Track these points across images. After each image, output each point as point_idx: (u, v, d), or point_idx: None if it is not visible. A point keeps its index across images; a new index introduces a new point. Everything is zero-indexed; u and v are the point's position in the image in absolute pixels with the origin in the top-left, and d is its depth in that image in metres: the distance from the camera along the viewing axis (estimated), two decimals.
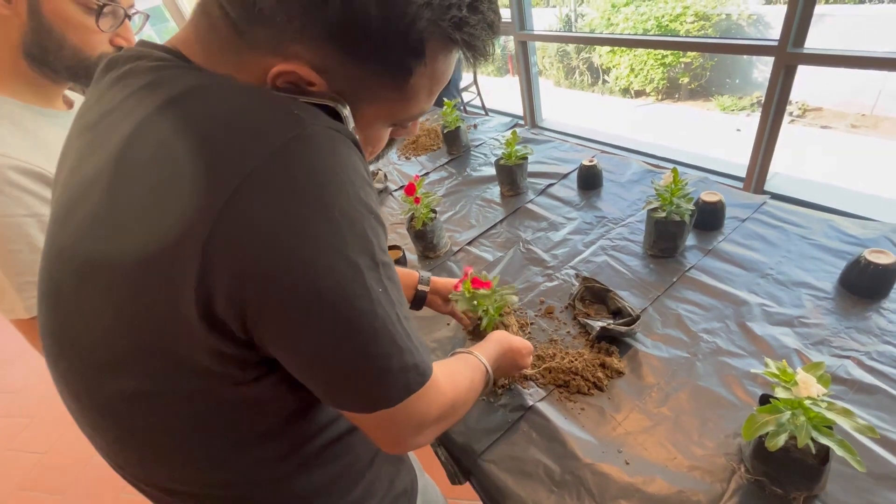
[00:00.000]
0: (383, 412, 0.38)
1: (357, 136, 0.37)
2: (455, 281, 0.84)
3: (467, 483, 0.76)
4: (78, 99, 0.79)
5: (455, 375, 0.54)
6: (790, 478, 0.57)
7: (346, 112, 0.38)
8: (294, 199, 0.30)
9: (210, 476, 0.41)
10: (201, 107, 0.33)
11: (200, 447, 0.39)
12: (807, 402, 0.53)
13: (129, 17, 0.69)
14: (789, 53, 1.59)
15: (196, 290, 0.30)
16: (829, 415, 0.52)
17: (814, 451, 0.53)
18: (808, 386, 0.52)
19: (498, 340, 0.69)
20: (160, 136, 0.32)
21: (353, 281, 0.33)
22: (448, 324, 0.97)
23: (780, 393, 0.54)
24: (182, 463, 0.40)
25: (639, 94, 5.92)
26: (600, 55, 6.09)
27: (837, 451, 0.51)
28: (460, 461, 0.75)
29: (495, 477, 0.69)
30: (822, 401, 0.53)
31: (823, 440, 0.52)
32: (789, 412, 0.54)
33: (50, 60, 0.64)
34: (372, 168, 1.66)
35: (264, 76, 0.35)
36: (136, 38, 0.72)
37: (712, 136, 4.77)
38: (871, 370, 0.69)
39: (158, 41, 0.39)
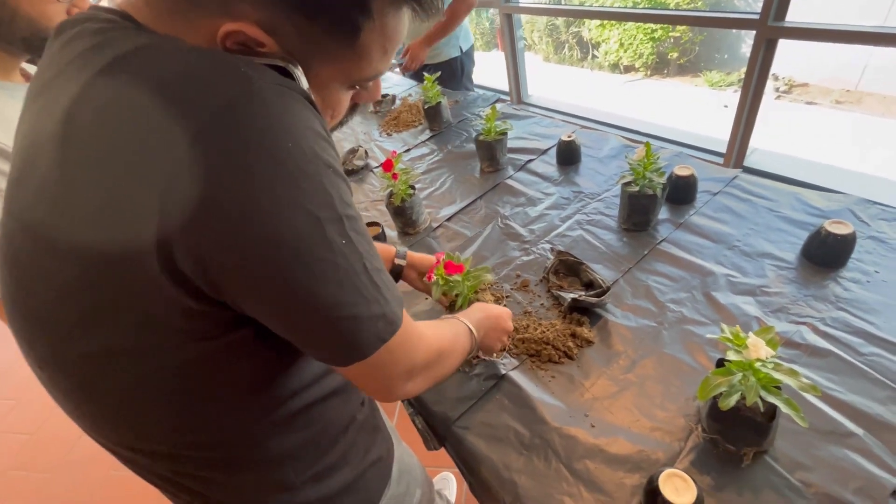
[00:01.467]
0: (362, 363, 0.40)
1: (313, 97, 0.37)
2: (432, 257, 0.85)
3: (443, 449, 0.79)
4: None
5: (437, 326, 0.57)
6: (741, 435, 0.60)
7: (298, 72, 0.38)
8: (245, 154, 0.31)
9: (181, 436, 0.42)
10: (146, 67, 0.33)
11: (170, 406, 0.40)
12: (756, 364, 0.56)
13: None
14: (770, 27, 1.59)
15: (157, 246, 0.31)
16: (776, 375, 0.55)
17: (762, 409, 0.57)
18: (758, 349, 0.55)
19: (479, 308, 0.71)
20: (105, 96, 0.32)
21: (313, 233, 0.34)
22: (426, 298, 0.99)
23: (732, 356, 0.57)
24: (153, 423, 0.41)
25: (628, 69, 5.87)
26: (590, 29, 6.00)
27: (783, 408, 0.55)
28: (436, 428, 0.78)
29: (468, 442, 0.72)
30: (770, 362, 0.56)
31: (771, 399, 0.55)
32: (741, 374, 0.57)
33: (3, 32, 0.63)
34: (353, 145, 1.65)
35: (214, 37, 0.35)
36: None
37: (700, 112, 4.78)
38: (824, 335, 0.73)
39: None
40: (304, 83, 0.39)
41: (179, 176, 0.30)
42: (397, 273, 0.85)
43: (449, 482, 1.38)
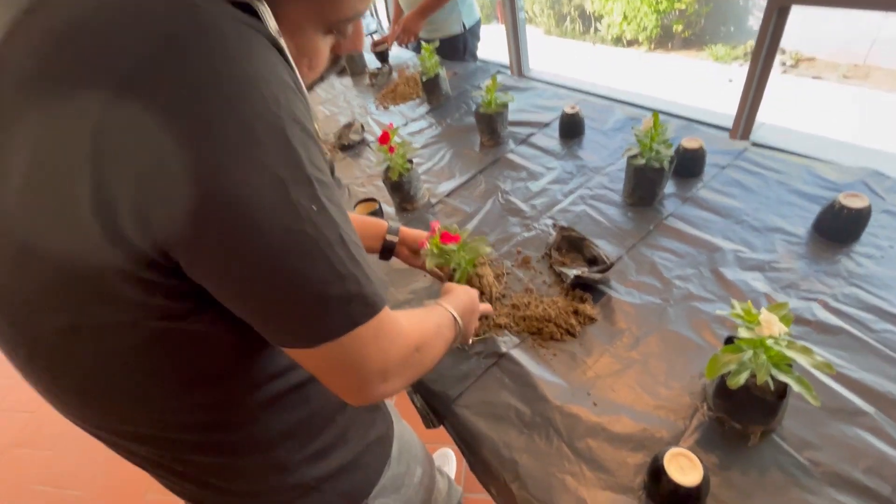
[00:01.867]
0: (329, 349, 0.35)
1: (285, 43, 0.33)
2: (425, 234, 0.82)
3: (442, 427, 0.77)
4: None
5: (419, 318, 0.52)
6: (749, 414, 0.59)
7: (265, 10, 0.33)
8: (189, 96, 0.26)
9: (162, 417, 0.40)
10: (79, 1, 0.28)
11: (144, 387, 0.38)
12: (768, 342, 0.53)
13: None
14: None
15: (94, 211, 0.28)
16: (789, 353, 0.53)
17: (772, 387, 0.55)
18: (771, 325, 0.53)
19: (464, 291, 0.68)
20: (33, 35, 0.28)
21: (274, 195, 0.30)
22: (425, 275, 0.96)
23: (743, 333, 0.55)
24: (130, 404, 0.39)
25: (631, 43, 5.71)
26: (592, 1, 5.81)
27: (795, 387, 0.52)
28: (435, 407, 0.77)
29: (468, 421, 0.71)
30: (783, 339, 0.53)
31: (782, 377, 0.53)
32: (751, 351, 0.55)
33: None
34: (349, 119, 1.59)
35: None
36: None
37: (704, 86, 4.67)
38: (835, 311, 0.70)
39: None
40: (273, 24, 0.34)
41: (110, 124, 0.26)
42: (389, 250, 0.81)
43: (448, 458, 1.39)
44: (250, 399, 0.42)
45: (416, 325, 0.48)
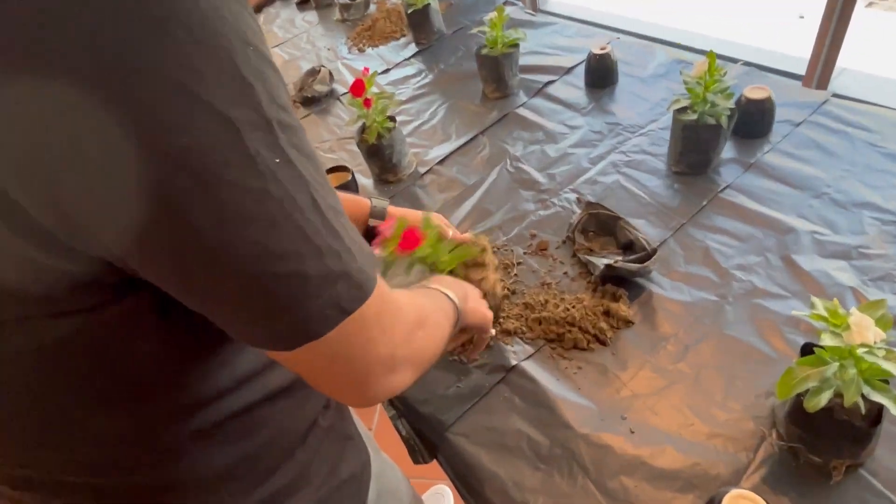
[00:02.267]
0: (314, 349, 0.34)
1: None
2: (418, 213, 0.79)
3: (434, 461, 0.77)
4: None
5: (409, 294, 0.50)
6: (831, 443, 0.58)
7: None
8: (96, 5, 0.23)
9: (62, 455, 0.38)
10: None
11: (39, 413, 0.36)
12: (860, 351, 0.52)
13: None
14: None
15: None
16: (887, 365, 0.51)
17: (863, 410, 0.53)
18: (864, 330, 0.51)
19: (443, 276, 0.66)
20: None
21: (223, 142, 0.27)
22: None
23: (827, 340, 0.54)
24: (19, 438, 0.37)
25: None
26: None
27: (893, 409, 0.51)
28: (425, 436, 0.77)
29: (467, 453, 0.70)
30: (880, 348, 0.52)
31: (876, 397, 0.52)
32: (837, 364, 0.54)
33: None
34: (313, 65, 1.57)
35: None
36: None
37: (767, 24, 4.63)
38: None
39: None
40: None
41: None
42: (374, 236, 0.79)
43: (444, 497, 1.40)
44: (180, 427, 0.40)
45: (410, 300, 0.47)
